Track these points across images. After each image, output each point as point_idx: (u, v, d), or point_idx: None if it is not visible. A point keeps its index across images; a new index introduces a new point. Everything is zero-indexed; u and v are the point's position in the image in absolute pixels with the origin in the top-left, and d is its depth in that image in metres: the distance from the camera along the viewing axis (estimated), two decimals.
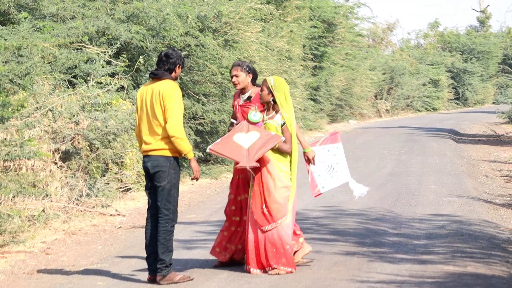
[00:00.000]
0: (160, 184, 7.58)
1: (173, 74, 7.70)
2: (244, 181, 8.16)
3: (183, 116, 9.70)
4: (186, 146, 7.53)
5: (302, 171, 8.59)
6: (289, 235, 7.88)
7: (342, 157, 8.43)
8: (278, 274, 7.78)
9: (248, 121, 7.99)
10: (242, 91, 8.30)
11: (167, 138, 7.54)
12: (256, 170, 7.86)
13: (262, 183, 7.88)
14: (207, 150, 8.07)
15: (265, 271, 7.84)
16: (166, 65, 7.68)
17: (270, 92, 7.97)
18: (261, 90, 8.04)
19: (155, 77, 7.68)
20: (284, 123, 7.96)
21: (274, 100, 7.99)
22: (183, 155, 7.60)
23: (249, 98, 8.24)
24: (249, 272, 7.87)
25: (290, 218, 7.90)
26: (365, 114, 38.84)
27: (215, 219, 11.27)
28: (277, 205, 7.83)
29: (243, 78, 8.22)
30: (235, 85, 8.24)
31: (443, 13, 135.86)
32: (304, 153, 8.27)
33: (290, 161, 7.99)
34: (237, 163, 7.83)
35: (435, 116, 42.16)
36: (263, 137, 7.86)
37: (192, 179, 7.84)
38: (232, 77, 8.25)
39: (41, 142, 11.25)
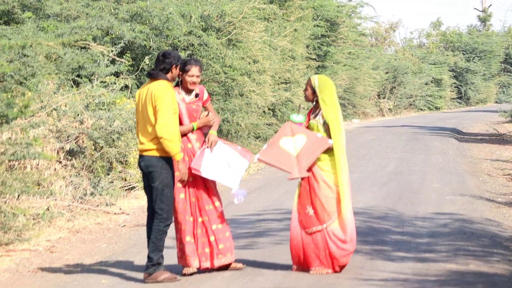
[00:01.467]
0: (153, 184, 7.57)
1: (169, 74, 7.62)
2: (200, 183, 7.87)
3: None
4: (173, 148, 7.44)
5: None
6: (337, 241, 7.65)
7: (241, 170, 7.94)
8: (320, 273, 7.70)
9: (291, 122, 7.85)
10: (187, 90, 7.95)
11: (157, 138, 7.47)
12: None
13: (308, 184, 7.72)
14: (255, 160, 7.86)
15: (305, 270, 7.78)
16: (162, 64, 7.58)
17: (314, 92, 7.81)
18: (305, 90, 7.89)
19: (151, 77, 7.63)
20: (325, 122, 7.75)
21: (317, 100, 7.81)
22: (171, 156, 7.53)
23: (197, 95, 7.98)
24: (294, 270, 7.84)
25: (337, 223, 7.67)
26: (368, 113, 38.85)
27: None
28: (321, 207, 7.67)
29: (199, 79, 7.95)
30: (192, 85, 7.88)
31: (445, 13, 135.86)
32: (209, 133, 7.92)
33: (333, 161, 7.70)
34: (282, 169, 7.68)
35: (437, 115, 42.15)
36: (310, 141, 7.68)
37: (178, 181, 7.72)
38: (191, 76, 7.83)
39: (46, 141, 11.30)
